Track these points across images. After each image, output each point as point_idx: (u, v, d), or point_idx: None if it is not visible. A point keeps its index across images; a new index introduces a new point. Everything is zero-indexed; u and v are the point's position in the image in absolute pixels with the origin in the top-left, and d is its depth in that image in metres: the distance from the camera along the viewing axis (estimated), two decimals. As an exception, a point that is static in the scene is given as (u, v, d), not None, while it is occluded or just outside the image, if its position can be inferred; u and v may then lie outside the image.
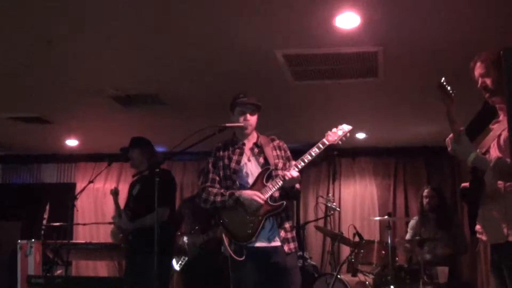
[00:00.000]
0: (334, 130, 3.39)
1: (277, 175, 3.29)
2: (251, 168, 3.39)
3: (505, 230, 2.30)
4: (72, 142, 7.40)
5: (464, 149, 2.38)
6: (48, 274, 5.83)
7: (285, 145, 3.53)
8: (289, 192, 3.36)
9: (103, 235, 7.65)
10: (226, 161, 3.43)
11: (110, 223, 5.20)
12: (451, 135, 2.40)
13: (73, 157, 8.15)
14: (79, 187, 7.81)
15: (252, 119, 3.43)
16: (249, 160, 3.42)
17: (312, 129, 6.37)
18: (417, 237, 5.21)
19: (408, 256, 5.62)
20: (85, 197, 7.73)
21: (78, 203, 5.95)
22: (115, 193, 4.58)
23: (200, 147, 3.37)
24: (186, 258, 5.09)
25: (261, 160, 3.40)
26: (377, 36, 3.88)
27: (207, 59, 4.37)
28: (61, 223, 6.16)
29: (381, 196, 7.62)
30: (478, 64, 2.46)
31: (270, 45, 4.05)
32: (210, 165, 3.50)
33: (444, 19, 3.60)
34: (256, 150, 3.45)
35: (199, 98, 5.43)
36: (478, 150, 2.41)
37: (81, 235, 7.69)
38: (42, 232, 6.16)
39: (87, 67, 4.55)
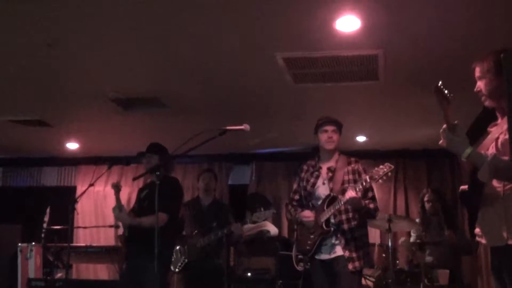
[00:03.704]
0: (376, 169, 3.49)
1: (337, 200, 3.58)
2: (323, 192, 3.69)
3: (504, 233, 2.29)
4: (72, 145, 7.40)
5: (460, 141, 2.29)
6: (48, 277, 5.83)
7: (361, 168, 3.70)
8: (361, 212, 3.62)
9: (104, 238, 7.65)
10: (304, 183, 3.81)
11: (110, 226, 5.22)
12: (445, 126, 2.31)
13: (73, 160, 8.14)
14: (79, 190, 7.80)
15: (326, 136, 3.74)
16: (323, 183, 3.72)
17: (312, 132, 6.37)
18: (418, 241, 5.21)
19: (409, 258, 5.61)
20: (86, 200, 7.71)
21: (79, 206, 5.96)
22: (116, 186, 4.57)
23: (201, 150, 3.37)
24: (186, 260, 5.08)
25: (331, 185, 3.66)
26: (378, 39, 3.88)
27: (207, 62, 4.38)
28: (62, 226, 6.16)
29: (381, 198, 7.58)
30: (477, 68, 2.48)
31: (271, 48, 4.06)
32: (295, 184, 3.95)
33: (444, 22, 3.60)
34: (329, 174, 3.69)
35: (200, 101, 5.43)
36: None
37: (82, 238, 7.69)
38: (43, 235, 6.16)
39: (87, 70, 4.56)
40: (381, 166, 3.44)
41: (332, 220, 3.64)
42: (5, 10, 3.43)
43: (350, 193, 3.43)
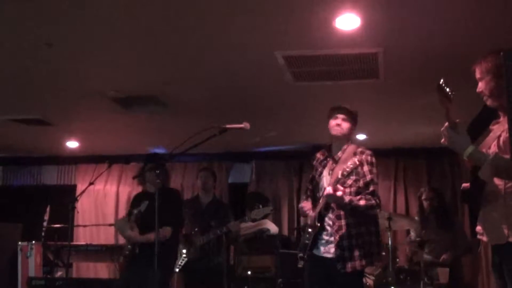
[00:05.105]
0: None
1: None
2: (327, 182, 3.49)
3: (505, 231, 2.29)
4: (72, 144, 7.40)
5: (462, 139, 2.30)
6: (48, 276, 5.84)
7: (364, 159, 3.45)
8: (345, 209, 3.39)
9: (104, 236, 7.65)
10: (314, 171, 3.67)
11: (110, 224, 5.23)
12: (446, 124, 2.31)
13: (73, 159, 8.14)
14: (79, 189, 7.81)
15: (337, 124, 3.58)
16: (328, 173, 3.53)
17: (312, 130, 6.37)
18: (417, 239, 5.21)
19: (409, 257, 5.62)
20: (86, 199, 7.72)
21: (79, 205, 5.94)
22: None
23: (201, 149, 3.37)
24: (186, 259, 5.09)
25: (331, 177, 3.48)
26: (378, 37, 3.88)
27: (207, 61, 4.38)
28: (62, 225, 6.17)
29: (381, 197, 7.54)
30: (476, 69, 2.49)
31: (271, 46, 4.06)
32: (310, 175, 3.79)
33: (444, 20, 3.60)
34: (333, 165, 3.52)
35: (200, 99, 5.43)
36: None
37: (82, 237, 7.69)
38: (43, 234, 6.17)
39: (87, 69, 4.56)
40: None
41: (330, 215, 3.45)
42: (5, 10, 3.43)
43: (328, 190, 3.30)
